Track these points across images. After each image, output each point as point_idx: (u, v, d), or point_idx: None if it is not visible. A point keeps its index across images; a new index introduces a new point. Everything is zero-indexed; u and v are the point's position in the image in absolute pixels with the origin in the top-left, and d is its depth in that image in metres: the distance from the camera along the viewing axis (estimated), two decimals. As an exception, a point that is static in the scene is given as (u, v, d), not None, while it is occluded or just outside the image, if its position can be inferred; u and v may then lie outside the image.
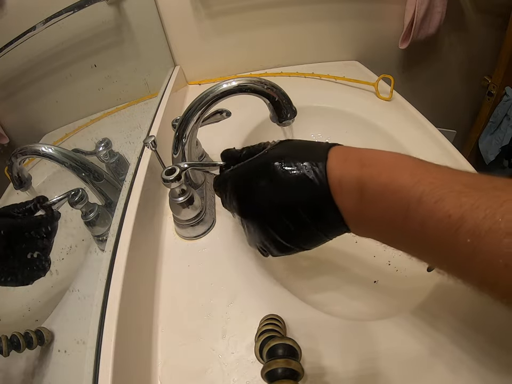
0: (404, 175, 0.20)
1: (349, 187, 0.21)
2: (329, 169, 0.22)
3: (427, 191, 0.18)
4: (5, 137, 0.41)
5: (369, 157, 0.22)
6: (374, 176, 0.21)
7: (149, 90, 0.62)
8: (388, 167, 0.21)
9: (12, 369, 0.28)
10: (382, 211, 0.21)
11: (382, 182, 0.20)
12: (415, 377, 0.26)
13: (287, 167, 0.23)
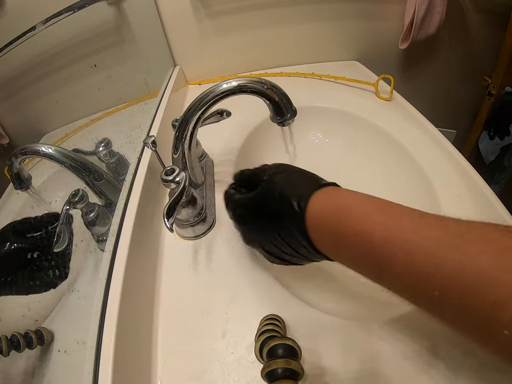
0: (376, 231, 0.20)
1: (324, 228, 0.23)
2: (309, 207, 0.23)
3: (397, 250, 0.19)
4: (5, 137, 0.41)
5: (347, 206, 0.23)
6: (348, 226, 0.21)
7: (149, 90, 0.62)
8: (361, 219, 0.21)
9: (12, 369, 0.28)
10: (357, 260, 0.22)
11: (354, 234, 0.21)
12: (415, 377, 0.26)
13: (283, 194, 0.25)
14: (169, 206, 0.30)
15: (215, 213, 0.42)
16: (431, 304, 0.19)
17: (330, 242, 0.23)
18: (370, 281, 0.23)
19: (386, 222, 0.20)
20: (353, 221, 0.21)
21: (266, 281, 0.34)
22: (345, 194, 0.24)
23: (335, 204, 0.23)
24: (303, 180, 0.27)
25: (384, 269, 0.20)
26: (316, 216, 0.23)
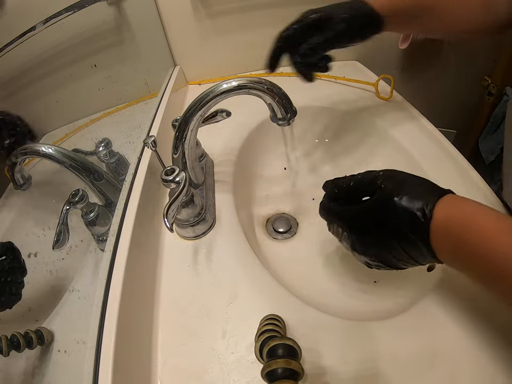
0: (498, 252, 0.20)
1: (447, 238, 0.23)
2: (434, 216, 0.23)
3: None
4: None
5: (470, 218, 0.22)
6: (471, 240, 0.22)
7: (149, 90, 0.62)
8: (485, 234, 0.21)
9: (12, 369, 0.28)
10: (477, 273, 0.22)
11: (476, 253, 0.21)
12: (415, 377, 0.26)
13: (404, 203, 0.24)
14: (169, 206, 0.30)
15: (215, 213, 0.42)
16: None
17: (452, 253, 0.23)
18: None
19: (508, 243, 0.20)
20: (476, 237, 0.21)
21: (266, 281, 0.34)
22: (467, 204, 0.24)
23: (459, 214, 0.23)
24: (422, 187, 0.26)
25: (503, 284, 0.21)
26: (439, 226, 0.23)
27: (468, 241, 0.22)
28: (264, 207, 0.51)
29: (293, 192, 0.52)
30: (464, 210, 0.23)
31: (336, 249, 0.44)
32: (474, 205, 0.23)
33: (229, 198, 0.44)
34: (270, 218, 0.50)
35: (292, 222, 0.49)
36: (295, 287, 0.37)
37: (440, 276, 0.33)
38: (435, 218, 0.23)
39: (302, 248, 0.45)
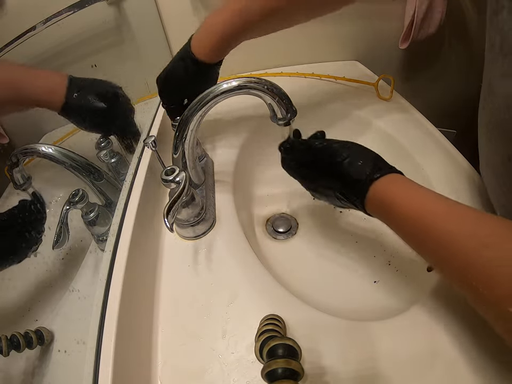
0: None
1: (377, 201, 0.28)
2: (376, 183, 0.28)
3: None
4: (5, 137, 0.41)
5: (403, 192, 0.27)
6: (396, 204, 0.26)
7: (149, 90, 0.62)
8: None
9: (12, 369, 0.28)
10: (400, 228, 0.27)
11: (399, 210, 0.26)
12: (415, 377, 0.26)
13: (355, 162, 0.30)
14: (169, 206, 0.30)
15: (215, 213, 0.42)
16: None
17: (378, 212, 0.28)
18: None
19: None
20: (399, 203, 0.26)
21: (266, 281, 0.34)
22: (403, 184, 0.28)
23: (392, 190, 0.27)
24: (371, 158, 0.31)
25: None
26: (376, 191, 0.28)
27: (389, 209, 0.27)
28: (264, 207, 0.51)
29: (293, 192, 0.52)
30: (396, 188, 0.27)
31: (336, 249, 0.44)
32: (407, 185, 0.27)
33: (229, 198, 0.44)
34: (270, 218, 0.50)
35: (291, 222, 0.49)
36: (295, 287, 0.37)
37: (440, 276, 0.33)
38: (376, 185, 0.27)
39: (302, 248, 0.45)
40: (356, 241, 0.44)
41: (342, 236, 0.45)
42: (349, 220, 0.47)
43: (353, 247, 0.44)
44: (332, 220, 0.48)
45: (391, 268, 0.40)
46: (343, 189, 0.30)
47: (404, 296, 0.35)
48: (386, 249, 0.42)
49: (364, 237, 0.44)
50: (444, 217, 0.23)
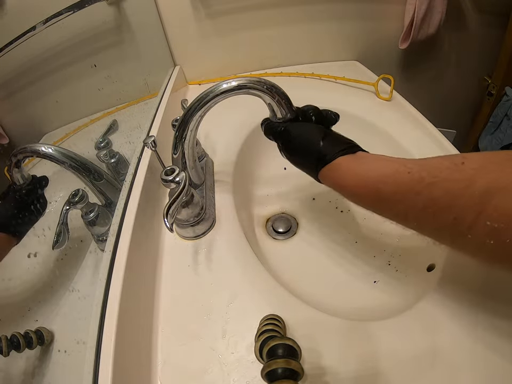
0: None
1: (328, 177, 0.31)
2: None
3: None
4: (5, 137, 0.41)
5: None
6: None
7: (149, 90, 0.62)
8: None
9: (12, 369, 0.28)
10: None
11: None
12: (415, 377, 0.26)
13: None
14: (169, 206, 0.30)
15: (215, 213, 0.42)
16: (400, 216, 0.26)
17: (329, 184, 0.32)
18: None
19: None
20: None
21: (266, 281, 0.34)
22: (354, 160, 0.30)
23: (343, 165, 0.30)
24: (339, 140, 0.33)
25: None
26: (323, 176, 0.31)
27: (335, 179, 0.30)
28: (264, 207, 0.51)
29: (293, 192, 0.52)
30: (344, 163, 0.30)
31: (336, 249, 0.44)
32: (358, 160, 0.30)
33: (229, 198, 0.44)
34: (270, 218, 0.50)
35: (291, 222, 0.49)
36: (295, 287, 0.37)
37: (440, 276, 0.33)
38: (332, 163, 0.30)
39: (302, 248, 0.45)
40: (356, 241, 0.44)
41: (342, 236, 0.45)
42: (349, 219, 0.47)
43: (353, 247, 0.44)
44: (331, 219, 0.48)
45: (391, 267, 0.40)
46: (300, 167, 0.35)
47: (403, 296, 0.35)
48: (386, 249, 0.42)
49: (364, 237, 0.44)
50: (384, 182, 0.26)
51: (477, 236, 0.20)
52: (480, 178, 0.20)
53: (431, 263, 0.36)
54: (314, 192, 0.52)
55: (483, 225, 0.19)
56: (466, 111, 1.01)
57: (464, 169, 0.21)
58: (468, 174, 0.21)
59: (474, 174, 0.20)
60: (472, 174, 0.20)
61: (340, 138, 0.33)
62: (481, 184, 0.19)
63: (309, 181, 0.35)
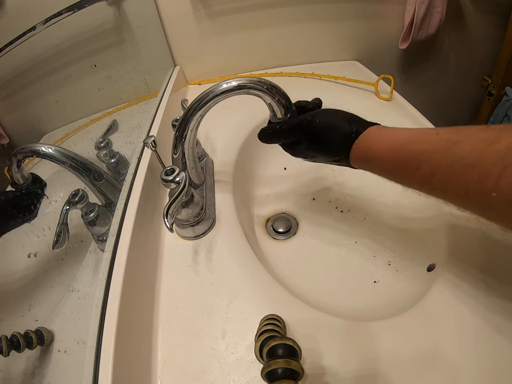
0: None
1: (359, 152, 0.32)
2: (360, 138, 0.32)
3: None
4: (5, 137, 0.41)
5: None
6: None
7: (149, 90, 0.62)
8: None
9: (12, 369, 0.28)
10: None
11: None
12: (415, 377, 0.26)
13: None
14: (169, 206, 0.30)
15: (215, 213, 0.42)
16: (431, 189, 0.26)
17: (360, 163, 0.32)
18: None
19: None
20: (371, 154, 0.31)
21: (266, 281, 0.34)
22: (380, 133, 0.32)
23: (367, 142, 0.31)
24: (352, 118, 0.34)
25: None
26: (354, 152, 0.32)
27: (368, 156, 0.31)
28: (264, 207, 0.51)
29: (293, 192, 0.52)
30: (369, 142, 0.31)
31: (336, 249, 0.44)
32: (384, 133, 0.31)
33: (229, 198, 0.44)
34: (270, 218, 0.50)
35: (291, 222, 0.49)
36: (295, 287, 0.37)
37: (440, 276, 0.33)
38: (360, 139, 0.31)
39: (302, 248, 0.45)
40: (356, 241, 0.44)
41: (341, 235, 0.45)
42: (349, 219, 0.47)
43: (353, 247, 0.44)
44: (331, 219, 0.48)
45: (391, 267, 0.40)
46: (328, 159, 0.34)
47: (403, 296, 0.35)
48: (386, 249, 0.42)
49: (364, 236, 0.44)
50: (414, 141, 0.26)
51: (502, 193, 0.20)
52: (505, 136, 0.20)
53: (431, 263, 0.36)
54: (314, 192, 0.52)
55: (508, 181, 0.19)
56: (466, 111, 1.01)
57: (489, 131, 0.22)
58: (493, 133, 0.21)
59: (499, 133, 0.21)
60: (497, 133, 0.21)
61: (357, 117, 0.34)
62: (506, 141, 0.20)
63: (309, 181, 0.35)
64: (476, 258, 0.32)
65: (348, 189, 0.50)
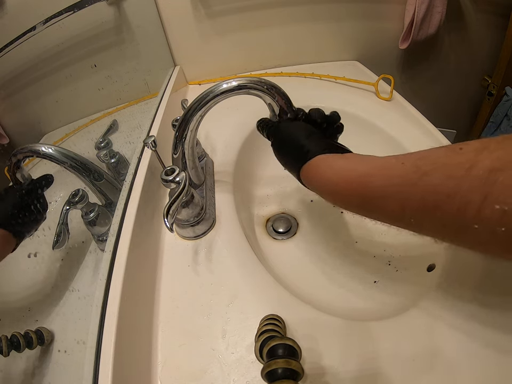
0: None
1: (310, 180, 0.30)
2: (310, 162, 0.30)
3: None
4: (5, 137, 0.41)
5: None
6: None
7: (149, 90, 0.62)
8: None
9: (12, 369, 0.28)
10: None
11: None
12: (415, 377, 0.26)
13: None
14: (169, 206, 0.30)
15: (215, 213, 0.42)
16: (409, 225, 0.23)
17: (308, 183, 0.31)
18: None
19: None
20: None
21: (266, 281, 0.34)
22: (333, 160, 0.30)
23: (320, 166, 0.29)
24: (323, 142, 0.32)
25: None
26: (307, 169, 0.30)
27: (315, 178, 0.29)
28: (264, 207, 0.51)
29: (293, 192, 0.52)
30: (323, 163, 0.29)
31: (336, 249, 0.44)
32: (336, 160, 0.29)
33: (229, 198, 0.44)
34: (270, 218, 0.50)
35: (292, 222, 0.49)
36: (295, 287, 0.37)
37: (440, 276, 0.33)
38: (309, 164, 0.29)
39: (302, 248, 0.45)
40: (356, 241, 0.44)
41: (342, 235, 0.45)
42: (348, 219, 0.47)
43: (353, 247, 0.44)
44: (332, 219, 0.48)
45: (391, 267, 0.40)
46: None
47: (403, 296, 0.35)
48: (386, 249, 0.42)
49: (364, 237, 0.44)
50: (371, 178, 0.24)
51: (486, 224, 0.17)
52: (483, 158, 0.18)
53: (431, 263, 0.36)
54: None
55: (491, 210, 0.17)
56: (466, 111, 1.01)
57: (463, 153, 0.19)
58: (469, 156, 0.18)
59: (476, 155, 0.18)
60: (473, 155, 0.18)
61: (328, 140, 0.32)
62: (485, 164, 0.17)
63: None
64: (476, 258, 0.32)
65: (348, 189, 0.50)
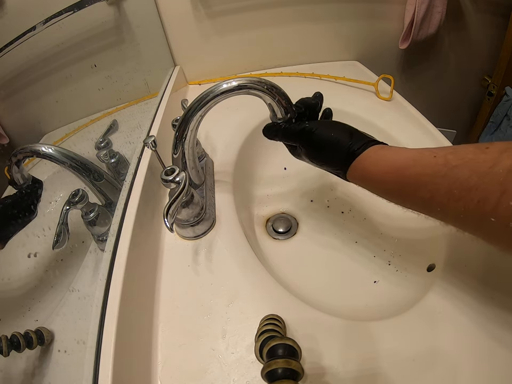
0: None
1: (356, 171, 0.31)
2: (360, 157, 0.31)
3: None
4: (5, 137, 0.41)
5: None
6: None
7: (149, 90, 0.62)
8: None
9: (12, 369, 0.28)
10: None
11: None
12: (415, 377, 0.26)
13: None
14: (169, 206, 0.30)
15: (215, 213, 0.42)
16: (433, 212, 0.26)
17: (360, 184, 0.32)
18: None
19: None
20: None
21: (266, 281, 0.34)
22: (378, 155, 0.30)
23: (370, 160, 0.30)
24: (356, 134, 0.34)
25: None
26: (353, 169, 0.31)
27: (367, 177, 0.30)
28: (264, 207, 0.51)
29: (293, 192, 0.52)
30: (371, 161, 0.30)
31: (336, 249, 0.44)
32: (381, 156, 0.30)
33: (229, 198, 0.44)
34: (270, 218, 0.50)
35: (292, 222, 0.49)
36: (295, 287, 0.37)
37: (440, 276, 0.33)
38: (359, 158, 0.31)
39: (302, 248, 0.45)
40: (356, 241, 0.44)
41: (342, 235, 0.45)
42: (349, 220, 0.47)
43: (353, 247, 0.44)
44: (332, 220, 0.48)
45: (391, 267, 0.40)
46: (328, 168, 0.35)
47: (403, 296, 0.35)
48: (386, 249, 0.42)
49: (364, 237, 0.44)
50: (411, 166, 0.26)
51: (501, 218, 0.20)
52: (505, 158, 0.20)
53: (431, 263, 0.36)
54: (314, 192, 0.52)
55: (506, 206, 0.19)
56: (466, 111, 1.01)
57: (489, 152, 0.21)
58: (493, 155, 0.21)
59: (499, 155, 0.21)
60: (497, 155, 0.21)
61: (365, 134, 0.34)
62: (506, 163, 0.20)
63: (310, 181, 0.35)
64: (476, 258, 0.32)
65: (348, 189, 0.50)
